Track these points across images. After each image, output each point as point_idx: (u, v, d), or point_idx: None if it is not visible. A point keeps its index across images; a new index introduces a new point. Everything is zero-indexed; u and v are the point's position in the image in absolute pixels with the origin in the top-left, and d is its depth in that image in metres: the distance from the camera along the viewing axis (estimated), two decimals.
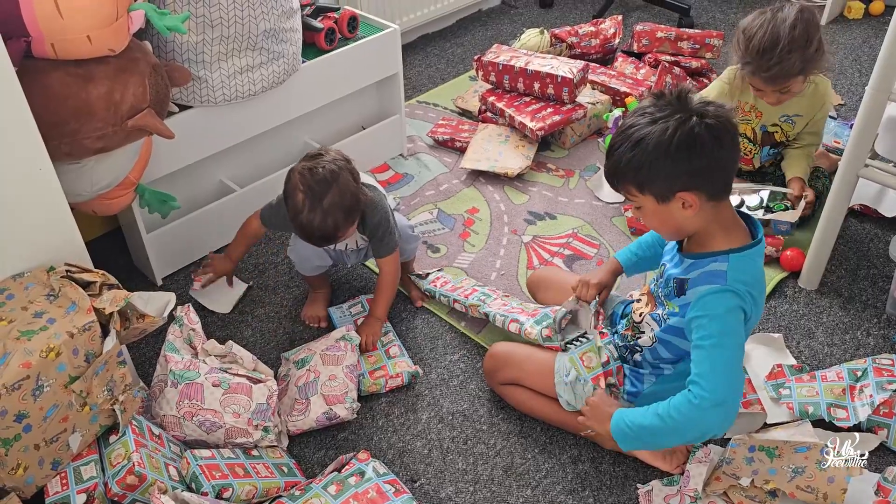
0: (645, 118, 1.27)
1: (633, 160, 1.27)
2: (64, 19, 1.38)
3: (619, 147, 1.29)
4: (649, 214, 1.34)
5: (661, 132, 1.24)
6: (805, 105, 2.06)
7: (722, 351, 1.30)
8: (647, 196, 1.30)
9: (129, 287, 1.45)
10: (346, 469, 1.49)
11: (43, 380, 1.23)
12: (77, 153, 1.53)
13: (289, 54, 1.95)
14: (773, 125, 2.12)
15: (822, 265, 1.93)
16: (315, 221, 1.58)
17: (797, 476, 1.43)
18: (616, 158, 1.30)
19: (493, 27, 3.31)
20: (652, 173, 1.27)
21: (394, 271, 1.81)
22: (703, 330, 1.31)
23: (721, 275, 1.32)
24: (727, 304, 1.30)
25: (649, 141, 1.25)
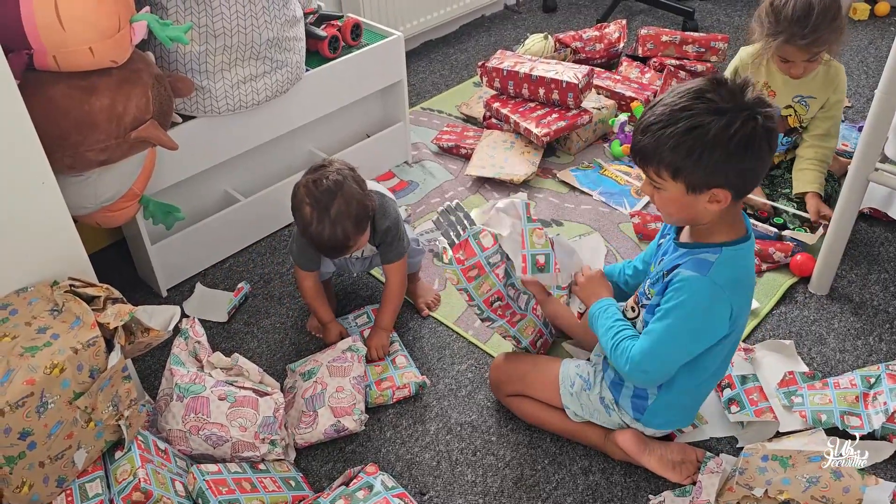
0: (703, 104, 1.21)
1: (681, 146, 1.21)
2: (66, 31, 1.37)
3: (663, 127, 1.22)
4: (670, 200, 1.30)
5: (726, 126, 1.20)
6: (818, 86, 2.07)
7: (672, 330, 1.32)
8: (678, 183, 1.26)
9: (133, 298, 1.44)
10: (354, 483, 1.47)
11: (47, 396, 1.21)
12: (80, 166, 1.52)
13: (292, 63, 1.94)
14: (787, 107, 2.11)
15: (832, 270, 1.91)
16: (325, 233, 1.57)
17: (811, 486, 1.41)
18: (657, 139, 1.23)
19: (496, 33, 3.29)
20: (698, 164, 1.22)
21: (401, 280, 1.79)
22: (671, 303, 1.32)
23: (707, 265, 1.31)
24: (700, 294, 1.30)
25: (707, 131, 1.20)
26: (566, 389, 1.57)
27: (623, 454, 1.53)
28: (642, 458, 1.51)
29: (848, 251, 2.00)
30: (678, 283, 1.32)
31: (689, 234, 1.40)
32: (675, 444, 1.55)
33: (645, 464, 1.52)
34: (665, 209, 1.34)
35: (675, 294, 1.32)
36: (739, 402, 1.61)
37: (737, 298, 1.33)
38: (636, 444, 1.51)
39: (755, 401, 1.61)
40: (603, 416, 1.54)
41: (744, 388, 1.63)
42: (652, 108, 1.27)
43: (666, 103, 1.24)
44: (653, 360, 1.35)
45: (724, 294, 1.30)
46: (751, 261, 1.37)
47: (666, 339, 1.33)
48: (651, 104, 1.28)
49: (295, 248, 1.76)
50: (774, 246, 2.01)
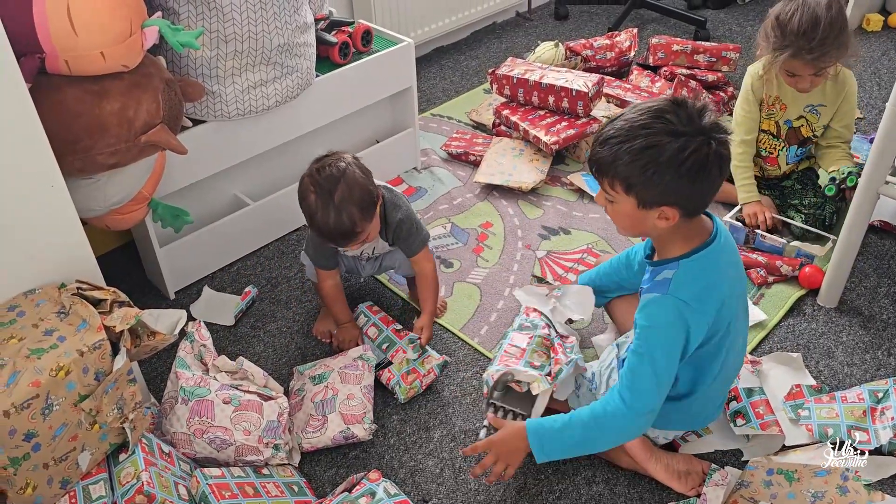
0: (661, 124, 1.24)
1: (635, 162, 1.24)
2: (78, 36, 1.38)
3: (620, 143, 1.25)
4: (622, 213, 1.33)
5: (680, 149, 1.22)
6: (829, 94, 2.07)
7: (653, 363, 1.32)
8: (630, 197, 1.29)
9: (141, 300, 1.45)
10: (356, 489, 1.47)
11: (52, 398, 1.22)
12: (90, 169, 1.53)
13: (303, 69, 1.95)
14: (799, 118, 2.11)
15: (841, 283, 1.90)
16: (331, 219, 1.57)
17: (817, 501, 1.40)
18: (614, 153, 1.26)
19: (507, 40, 3.30)
20: (650, 183, 1.25)
21: (432, 267, 1.81)
22: (640, 339, 1.34)
23: (666, 283, 1.33)
24: (665, 314, 1.32)
25: (662, 152, 1.23)
26: (573, 396, 1.57)
27: (630, 461, 1.53)
28: (649, 466, 1.50)
29: (857, 264, 2.00)
30: (643, 306, 1.35)
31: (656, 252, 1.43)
32: (682, 455, 1.54)
33: (651, 471, 1.51)
34: (617, 221, 1.38)
35: (641, 316, 1.35)
36: (745, 415, 1.60)
37: (707, 305, 1.33)
38: (643, 451, 1.50)
39: (761, 414, 1.60)
40: None
41: (750, 400, 1.62)
42: (612, 122, 1.29)
43: (626, 118, 1.27)
44: (652, 398, 1.34)
45: (690, 306, 1.31)
46: (714, 262, 1.35)
47: (646, 371, 1.33)
48: (612, 117, 1.31)
49: (311, 250, 1.77)
50: (782, 260, 2.00)
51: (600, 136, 1.30)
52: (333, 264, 1.79)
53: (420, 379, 1.72)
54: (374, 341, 1.82)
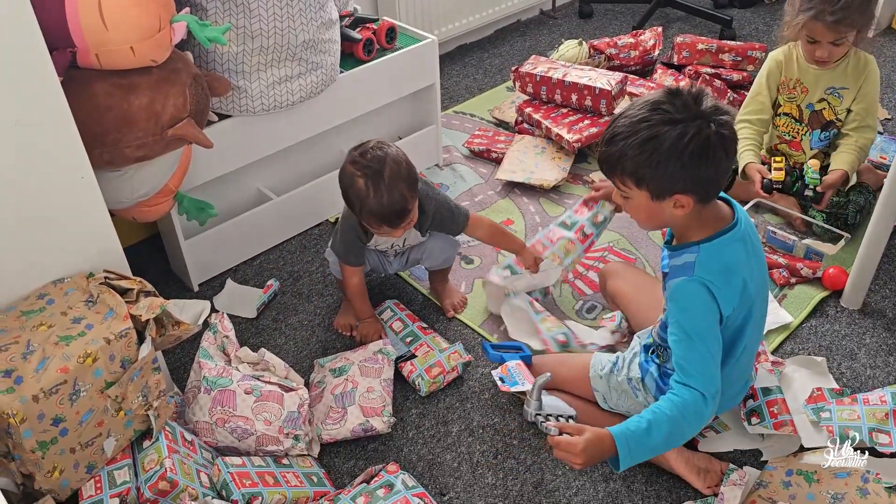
0: (659, 115, 1.26)
1: (640, 156, 1.26)
2: (108, 31, 1.41)
3: (625, 138, 1.27)
4: (637, 207, 1.35)
5: (679, 136, 1.24)
6: (850, 76, 2.07)
7: (697, 344, 1.32)
8: (642, 191, 1.31)
9: (165, 292, 1.47)
10: (374, 481, 1.49)
11: (80, 385, 1.25)
12: (118, 162, 1.56)
13: (327, 65, 1.97)
14: (820, 101, 2.11)
15: (865, 284, 1.88)
16: (384, 199, 1.58)
17: (837, 502, 1.39)
18: (620, 149, 1.28)
19: (531, 38, 3.30)
20: (657, 173, 1.27)
21: (489, 223, 1.86)
22: (680, 326, 1.33)
23: (690, 266, 1.34)
24: (696, 296, 1.32)
25: (663, 142, 1.24)
26: (595, 373, 1.58)
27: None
28: (670, 458, 1.50)
29: (882, 265, 1.97)
30: (672, 293, 1.35)
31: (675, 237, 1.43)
32: (702, 453, 1.54)
33: (672, 464, 1.50)
34: (635, 216, 1.40)
35: (674, 305, 1.35)
36: (760, 414, 1.60)
37: (730, 286, 1.34)
38: None
39: (775, 413, 1.59)
40: (630, 400, 1.54)
41: (766, 399, 1.62)
42: (616, 120, 1.31)
43: (627, 115, 1.29)
44: (713, 381, 1.32)
45: (716, 285, 1.32)
46: (735, 246, 1.36)
47: (701, 355, 1.32)
48: (616, 116, 1.33)
49: (340, 246, 1.77)
50: (803, 262, 1.99)
51: (606, 135, 1.32)
52: (361, 261, 1.80)
53: (444, 374, 1.73)
54: (398, 334, 1.84)
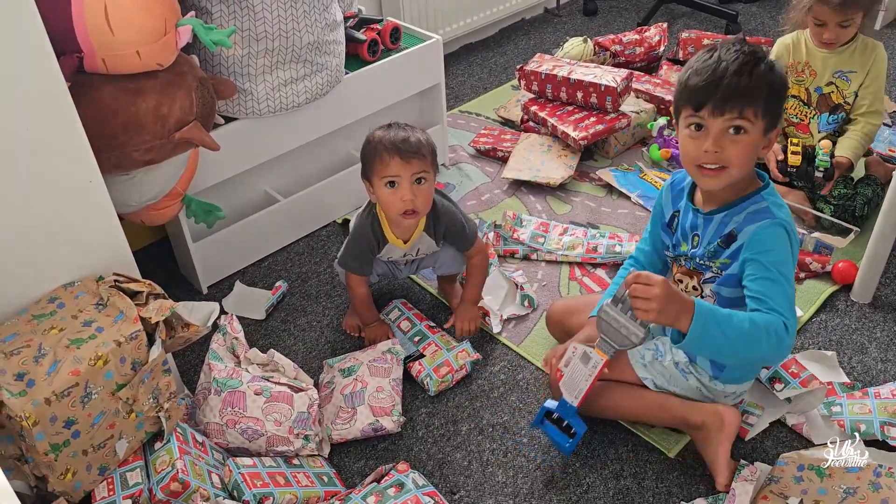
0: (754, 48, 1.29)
1: (773, 82, 1.28)
2: (114, 35, 1.42)
3: (754, 65, 1.27)
4: (750, 145, 1.30)
5: (780, 69, 1.31)
6: (857, 59, 2.09)
7: (783, 282, 1.31)
8: (759, 122, 1.29)
9: (174, 295, 1.48)
10: (385, 480, 1.49)
11: (91, 387, 1.26)
12: (126, 165, 1.56)
13: (332, 66, 1.98)
14: (829, 84, 2.12)
15: (875, 278, 1.87)
16: (399, 133, 1.62)
17: (848, 497, 1.39)
18: (756, 76, 1.26)
19: (535, 36, 3.30)
20: (779, 101, 1.30)
21: (482, 259, 1.83)
22: (760, 265, 1.31)
23: (766, 211, 1.35)
24: (778, 237, 1.33)
25: (774, 68, 1.29)
26: (638, 363, 1.56)
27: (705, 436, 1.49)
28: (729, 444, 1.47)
29: (892, 259, 1.96)
30: (754, 236, 1.33)
31: (714, 200, 1.41)
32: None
33: (726, 450, 1.46)
34: (741, 158, 1.31)
35: (757, 246, 1.33)
36: (782, 379, 1.61)
37: (792, 234, 1.36)
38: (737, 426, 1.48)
39: (796, 373, 1.61)
40: (680, 382, 1.53)
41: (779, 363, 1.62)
42: (713, 55, 1.29)
43: (731, 49, 1.29)
44: (792, 316, 1.31)
45: (792, 226, 1.35)
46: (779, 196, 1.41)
47: (785, 291, 1.32)
48: (703, 57, 1.30)
49: (348, 255, 1.77)
50: (812, 256, 1.98)
51: (720, 68, 1.27)
52: (369, 270, 1.80)
53: (452, 373, 1.73)
54: (406, 333, 1.85)
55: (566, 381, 1.47)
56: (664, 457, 1.57)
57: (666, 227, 1.54)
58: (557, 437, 1.53)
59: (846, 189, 2.10)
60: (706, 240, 1.42)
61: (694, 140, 1.32)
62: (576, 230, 2.15)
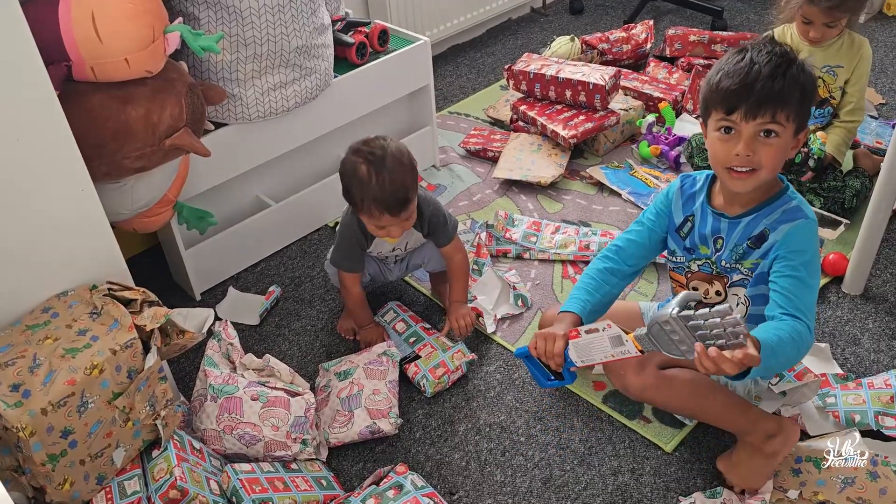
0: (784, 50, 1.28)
1: (805, 85, 1.27)
2: (103, 44, 1.42)
3: (786, 68, 1.25)
4: (781, 148, 1.29)
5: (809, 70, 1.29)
6: (844, 55, 2.12)
7: (812, 283, 1.32)
8: (790, 125, 1.28)
9: (168, 302, 1.48)
10: (384, 482, 1.49)
11: (87, 396, 1.25)
12: (117, 173, 1.56)
13: (321, 70, 1.98)
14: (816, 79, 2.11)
15: (866, 269, 1.89)
16: (386, 185, 1.58)
17: (847, 487, 1.40)
18: (789, 78, 1.25)
19: (523, 36, 3.30)
20: (808, 103, 1.29)
21: (462, 257, 1.83)
22: (791, 266, 1.31)
23: (797, 210, 1.35)
24: (812, 236, 1.34)
25: (805, 70, 1.28)
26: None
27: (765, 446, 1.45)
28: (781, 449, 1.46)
29: (882, 250, 1.98)
30: (789, 235, 1.33)
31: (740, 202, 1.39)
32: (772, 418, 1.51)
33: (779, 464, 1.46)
34: (772, 161, 1.30)
35: (792, 244, 1.33)
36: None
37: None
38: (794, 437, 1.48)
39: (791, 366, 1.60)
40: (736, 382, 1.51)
41: None
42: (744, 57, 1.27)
43: (762, 50, 1.27)
44: (813, 317, 1.32)
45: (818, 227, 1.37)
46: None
47: (811, 292, 1.33)
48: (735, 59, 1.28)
49: (339, 254, 1.77)
50: None
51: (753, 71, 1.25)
52: (360, 268, 1.80)
53: (448, 374, 1.74)
54: (401, 335, 1.85)
55: (579, 345, 1.36)
56: (661, 452, 1.58)
57: (675, 232, 1.49)
58: (539, 371, 1.44)
59: (835, 181, 2.11)
60: (732, 243, 1.40)
61: (724, 143, 1.30)
62: (567, 228, 2.16)
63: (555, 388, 1.73)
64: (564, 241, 2.10)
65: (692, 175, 1.50)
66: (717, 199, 1.43)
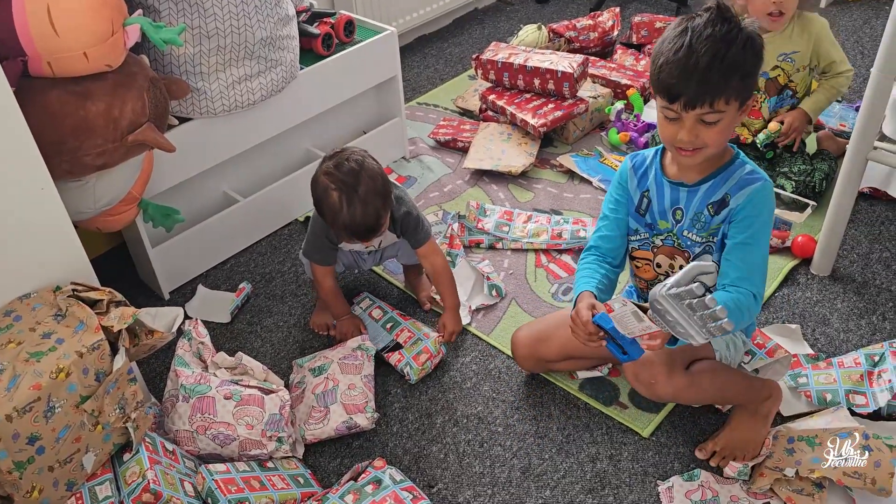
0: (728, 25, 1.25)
1: (746, 58, 1.25)
2: (59, 37, 1.38)
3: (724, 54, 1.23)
4: (725, 127, 1.30)
5: (749, 35, 1.26)
6: (798, 39, 2.10)
7: (762, 247, 1.36)
8: (732, 105, 1.28)
9: (136, 302, 1.44)
10: (362, 477, 1.47)
11: (54, 401, 1.22)
12: (78, 171, 1.52)
13: (286, 62, 1.94)
14: (774, 68, 2.13)
15: (834, 250, 1.91)
16: (357, 215, 1.56)
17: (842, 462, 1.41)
18: (727, 65, 1.23)
19: (490, 25, 3.29)
20: (754, 74, 1.29)
21: (441, 259, 1.80)
22: (750, 228, 1.35)
23: (753, 173, 1.37)
24: (770, 201, 1.37)
25: (752, 42, 1.26)
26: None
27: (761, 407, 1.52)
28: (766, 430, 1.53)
29: (849, 231, 2.01)
30: (750, 199, 1.35)
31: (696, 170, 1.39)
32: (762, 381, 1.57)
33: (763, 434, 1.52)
34: (717, 139, 1.31)
35: (752, 209, 1.35)
36: (749, 351, 1.64)
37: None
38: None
39: (762, 344, 1.65)
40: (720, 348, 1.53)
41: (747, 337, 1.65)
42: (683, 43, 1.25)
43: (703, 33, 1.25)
44: (763, 283, 1.36)
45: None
46: None
47: (761, 256, 1.36)
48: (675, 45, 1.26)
49: (310, 247, 1.75)
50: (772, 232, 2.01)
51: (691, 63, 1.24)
52: (333, 260, 1.78)
53: (431, 359, 1.74)
54: (378, 321, 1.84)
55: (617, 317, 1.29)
56: (638, 437, 1.59)
57: (635, 212, 1.50)
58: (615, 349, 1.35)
59: (804, 165, 2.14)
60: (692, 211, 1.41)
61: (670, 124, 1.32)
62: (539, 217, 2.16)
63: (532, 377, 1.73)
64: (537, 230, 2.10)
65: (639, 153, 1.50)
66: (670, 168, 1.45)
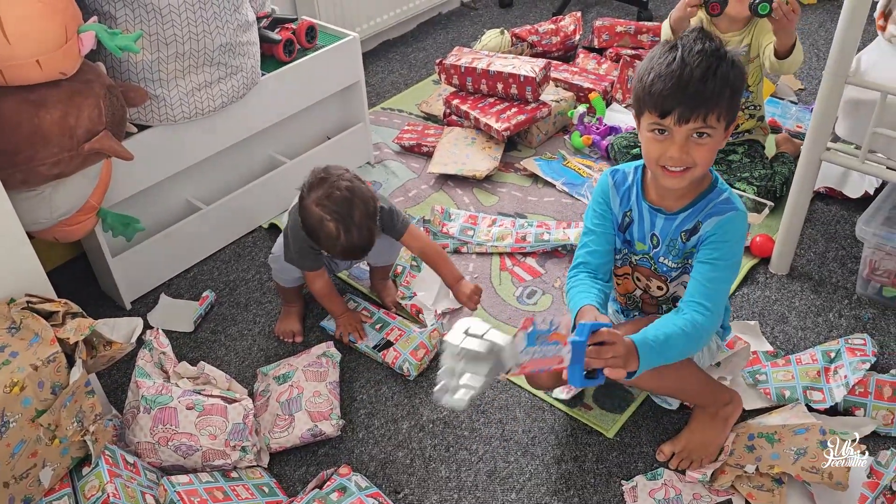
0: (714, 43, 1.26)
1: (735, 76, 1.26)
2: (11, 44, 1.35)
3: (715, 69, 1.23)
4: (714, 147, 1.29)
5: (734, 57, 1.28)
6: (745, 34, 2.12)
7: (728, 276, 1.37)
8: (722, 123, 1.28)
9: (97, 312, 1.42)
10: (327, 485, 1.47)
11: (8, 415, 1.19)
12: (33, 181, 1.49)
13: (247, 68, 1.93)
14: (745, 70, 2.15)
15: (791, 250, 1.95)
16: (355, 241, 1.60)
17: (801, 457, 1.44)
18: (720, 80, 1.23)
19: (453, 30, 3.30)
20: (741, 90, 1.30)
21: (427, 240, 1.83)
22: (717, 251, 1.35)
23: (727, 202, 1.37)
24: (742, 228, 1.38)
25: (738, 60, 1.28)
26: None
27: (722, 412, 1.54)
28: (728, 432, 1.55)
29: (805, 230, 2.05)
30: (721, 226, 1.35)
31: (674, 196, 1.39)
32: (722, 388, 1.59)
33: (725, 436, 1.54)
34: (704, 159, 1.30)
35: (721, 236, 1.36)
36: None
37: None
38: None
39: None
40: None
41: None
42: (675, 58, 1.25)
43: (693, 49, 1.25)
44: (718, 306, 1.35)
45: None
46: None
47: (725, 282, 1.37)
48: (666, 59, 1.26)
49: (297, 256, 1.74)
50: None
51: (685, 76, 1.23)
52: (321, 264, 1.78)
53: (427, 354, 1.76)
54: (366, 323, 1.85)
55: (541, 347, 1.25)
56: (603, 438, 1.60)
57: (616, 228, 1.48)
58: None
59: (764, 169, 2.17)
60: (668, 238, 1.42)
61: (658, 142, 1.30)
62: (504, 221, 2.17)
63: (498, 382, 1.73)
64: (501, 234, 2.11)
65: (619, 169, 1.47)
66: (651, 192, 1.43)
